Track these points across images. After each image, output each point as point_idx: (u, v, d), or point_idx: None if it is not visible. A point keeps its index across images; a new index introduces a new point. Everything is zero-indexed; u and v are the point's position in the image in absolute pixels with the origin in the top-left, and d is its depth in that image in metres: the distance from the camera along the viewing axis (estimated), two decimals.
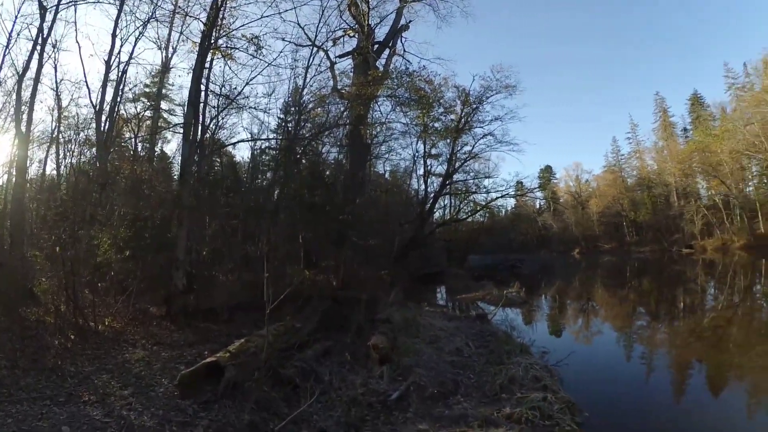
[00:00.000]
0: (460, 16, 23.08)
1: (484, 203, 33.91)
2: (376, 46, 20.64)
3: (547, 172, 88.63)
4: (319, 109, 15.75)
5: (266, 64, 13.62)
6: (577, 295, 23.46)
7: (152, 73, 19.28)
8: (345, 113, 16.46)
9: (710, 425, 6.00)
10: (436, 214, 38.16)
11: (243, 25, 12.83)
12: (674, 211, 58.15)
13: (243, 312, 10.51)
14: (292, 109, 14.96)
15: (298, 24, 16.72)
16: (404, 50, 21.82)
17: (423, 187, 30.28)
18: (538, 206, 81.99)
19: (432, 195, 30.36)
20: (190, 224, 11.02)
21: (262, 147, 16.94)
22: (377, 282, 13.13)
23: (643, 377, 8.41)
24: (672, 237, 57.04)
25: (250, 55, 13.23)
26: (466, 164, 31.76)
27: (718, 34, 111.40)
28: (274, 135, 16.03)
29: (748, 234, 44.93)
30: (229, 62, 13.59)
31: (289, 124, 15.40)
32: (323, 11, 16.88)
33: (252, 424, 5.13)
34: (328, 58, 18.40)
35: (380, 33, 21.73)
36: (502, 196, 31.20)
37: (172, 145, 27.85)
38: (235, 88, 13.83)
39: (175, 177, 17.49)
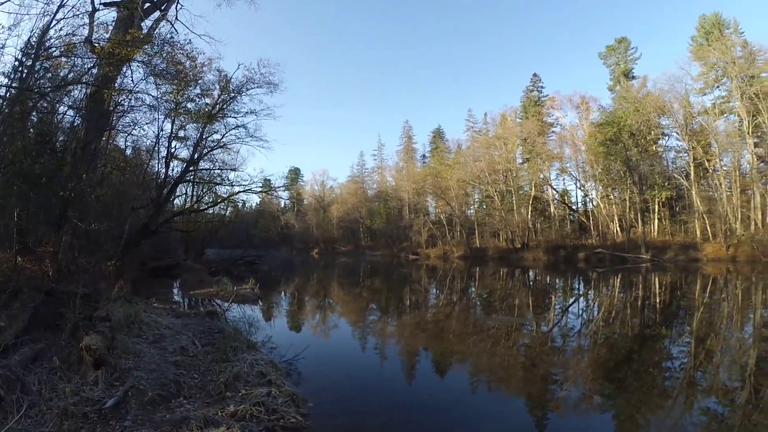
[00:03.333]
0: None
1: (226, 195, 32.75)
2: (147, 4, 17.85)
3: (295, 174, 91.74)
4: (63, 59, 12.57)
5: None
6: (315, 292, 24.29)
7: None
8: (92, 70, 13.64)
9: (438, 401, 6.75)
10: (176, 202, 35.37)
11: None
12: (405, 223, 66.78)
13: None
14: (33, 52, 11.48)
15: None
16: (176, 18, 19.51)
17: (164, 170, 27.56)
18: (282, 205, 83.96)
19: (172, 180, 27.85)
20: None
21: None
22: (101, 273, 11.17)
23: (377, 365, 9.00)
24: (401, 244, 65.40)
25: None
26: (213, 153, 30.27)
27: (467, 85, 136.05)
28: (7, 80, 12.05)
29: (465, 246, 53.97)
30: None
31: (25, 70, 11.79)
32: None
33: None
34: (92, 1, 15.08)
35: None
36: (245, 191, 30.43)
37: None
38: None
39: None
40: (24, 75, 12.18)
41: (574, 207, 57.21)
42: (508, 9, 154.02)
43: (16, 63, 12.38)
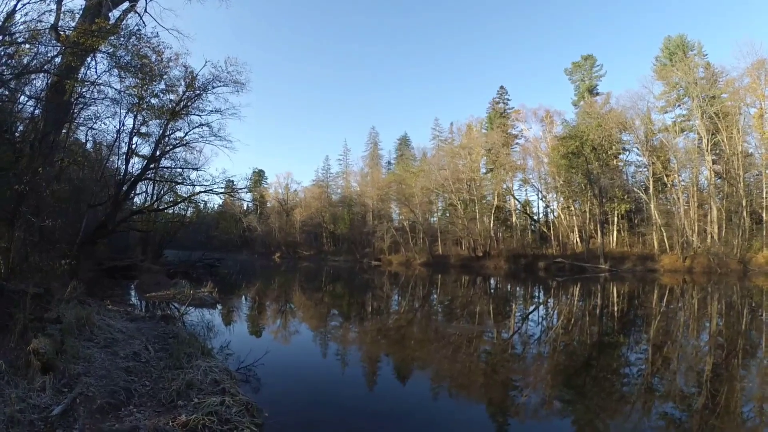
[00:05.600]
0: None
1: (187, 195, 31.93)
2: None
3: (259, 176, 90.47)
4: (27, 46, 11.96)
5: None
6: (276, 296, 24.01)
7: None
8: (55, 59, 13.03)
9: (399, 408, 6.76)
10: (135, 200, 34.28)
11: None
12: (369, 229, 66.50)
13: None
14: None
15: None
16: (145, 10, 18.88)
17: (124, 167, 26.66)
18: (245, 207, 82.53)
19: (132, 178, 26.99)
20: None
21: None
22: (55, 272, 10.70)
23: (338, 372, 8.95)
24: (364, 250, 65.35)
25: None
26: (175, 151, 29.35)
27: (435, 94, 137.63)
28: None
29: (428, 254, 54.58)
30: None
31: None
32: None
33: None
34: None
35: None
36: (207, 191, 29.75)
37: None
38: None
39: None
40: None
41: (535, 217, 58.66)
42: (478, 21, 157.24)
43: None
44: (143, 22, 18.33)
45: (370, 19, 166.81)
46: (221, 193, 33.43)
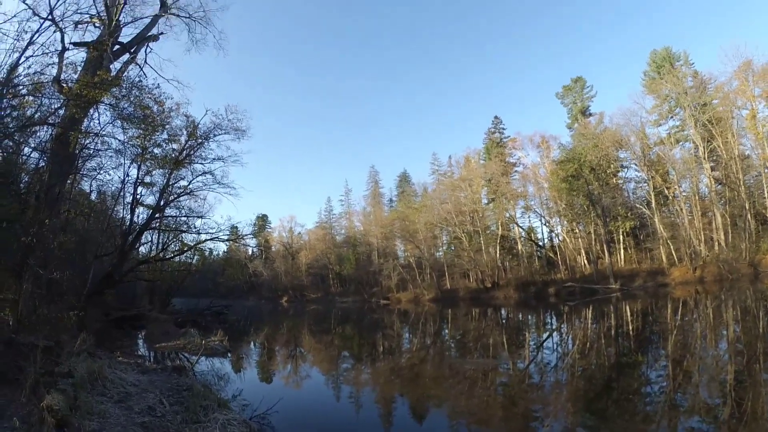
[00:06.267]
0: (213, 46, 21.82)
1: (193, 244, 31.99)
2: (117, 46, 17.80)
3: (262, 220, 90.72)
4: (30, 98, 12.28)
5: None
6: (286, 341, 23.74)
7: None
8: (59, 111, 13.34)
9: None
10: (141, 250, 34.35)
11: None
12: (375, 268, 66.20)
13: None
14: (1, 88, 11.12)
15: None
16: (145, 61, 19.48)
17: (129, 217, 26.85)
18: (250, 252, 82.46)
19: (138, 227, 27.13)
20: None
21: None
22: (64, 324, 10.62)
23: (353, 415, 8.77)
24: (372, 289, 64.63)
25: None
26: (179, 199, 29.61)
27: (431, 128, 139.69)
28: None
29: (436, 289, 53.78)
30: None
31: None
32: None
33: None
34: (62, 40, 14.94)
35: (126, 33, 18.77)
36: (212, 239, 29.88)
37: None
38: None
39: None
40: None
41: (540, 243, 58.31)
42: (467, 53, 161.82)
43: None
44: (144, 74, 18.90)
45: (365, 58, 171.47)
46: (226, 240, 33.42)
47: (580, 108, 57.33)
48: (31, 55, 12.72)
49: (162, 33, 20.55)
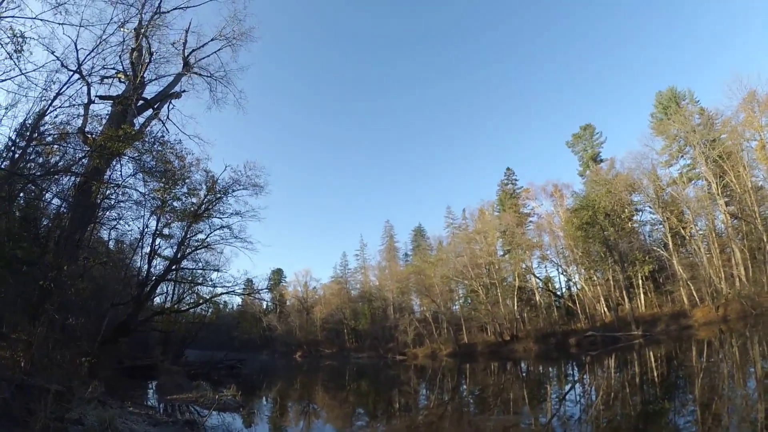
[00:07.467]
0: (233, 104, 22.76)
1: (208, 296, 32.06)
2: (141, 101, 18.67)
3: (278, 275, 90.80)
4: (56, 146, 12.83)
5: (18, 71, 10.66)
6: (299, 396, 23.25)
7: None
8: (82, 160, 13.86)
9: None
10: (156, 300, 34.46)
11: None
12: (390, 322, 65.05)
13: None
14: (28, 134, 11.68)
15: (74, 43, 14.03)
16: (168, 117, 20.34)
17: (146, 267, 27.13)
18: (264, 306, 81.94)
19: (154, 278, 27.35)
20: None
21: None
22: (76, 370, 10.55)
23: None
24: (388, 345, 63.14)
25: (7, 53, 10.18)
26: (197, 252, 30.05)
27: (445, 182, 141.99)
28: None
29: (454, 343, 52.60)
30: None
31: (17, 151, 11.87)
32: (102, 41, 14.65)
33: None
34: (89, 93, 15.73)
35: (150, 90, 19.80)
36: (228, 293, 30.07)
37: None
38: None
39: None
40: (16, 156, 12.34)
41: (558, 293, 57.11)
42: (478, 108, 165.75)
43: (9, 143, 12.59)
44: (166, 129, 19.62)
45: (374, 116, 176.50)
46: (242, 294, 33.51)
47: (591, 155, 57.57)
48: (59, 106, 13.38)
49: (185, 91, 21.56)
